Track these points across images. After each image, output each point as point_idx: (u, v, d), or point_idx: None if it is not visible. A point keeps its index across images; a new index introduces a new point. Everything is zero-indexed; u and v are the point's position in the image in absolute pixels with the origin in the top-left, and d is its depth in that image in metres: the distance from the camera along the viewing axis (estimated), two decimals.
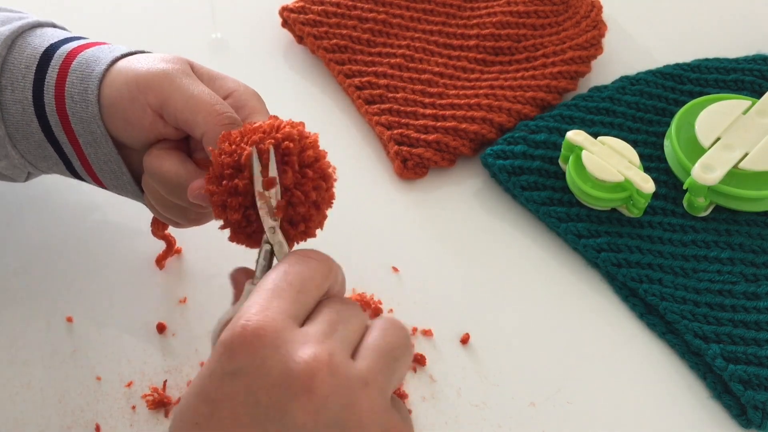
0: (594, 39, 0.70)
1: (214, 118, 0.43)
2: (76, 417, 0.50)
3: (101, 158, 0.48)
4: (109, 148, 0.47)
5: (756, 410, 0.50)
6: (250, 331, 0.33)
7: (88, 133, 0.47)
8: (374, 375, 0.35)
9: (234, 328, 0.34)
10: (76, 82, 0.46)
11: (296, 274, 0.37)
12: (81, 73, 0.47)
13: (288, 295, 0.35)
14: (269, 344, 0.33)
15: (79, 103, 0.46)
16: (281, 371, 0.33)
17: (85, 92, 0.46)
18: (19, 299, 0.55)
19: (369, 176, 0.64)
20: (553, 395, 0.53)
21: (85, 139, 0.47)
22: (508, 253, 0.60)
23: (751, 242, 0.59)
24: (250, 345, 0.33)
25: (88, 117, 0.46)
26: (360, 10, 0.72)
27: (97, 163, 0.48)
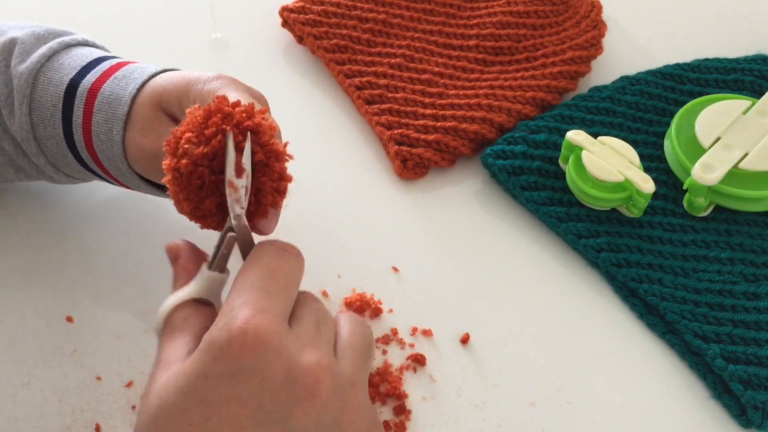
0: (594, 39, 0.70)
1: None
2: (76, 417, 0.50)
3: (135, 185, 0.51)
4: (136, 181, 0.49)
5: (756, 410, 0.50)
6: (252, 334, 0.33)
7: (116, 168, 0.49)
8: (357, 374, 0.37)
9: (231, 330, 0.34)
10: (102, 122, 0.48)
11: (281, 271, 0.37)
12: (105, 114, 0.48)
13: (277, 294, 0.36)
14: (272, 348, 0.34)
15: (105, 142, 0.48)
16: (286, 375, 0.34)
17: (110, 132, 0.48)
18: (19, 299, 0.55)
19: (369, 176, 0.64)
20: (553, 395, 0.53)
21: (116, 172, 0.50)
22: (508, 253, 0.60)
23: (751, 242, 0.59)
24: (251, 348, 0.33)
25: (114, 155, 0.48)
26: (360, 10, 0.72)
27: (127, 182, 0.51)
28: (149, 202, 0.59)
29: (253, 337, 0.33)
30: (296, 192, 0.62)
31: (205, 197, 0.39)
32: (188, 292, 0.38)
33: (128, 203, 0.60)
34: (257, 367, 0.33)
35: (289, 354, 0.34)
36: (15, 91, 0.50)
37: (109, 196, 0.61)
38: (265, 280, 0.36)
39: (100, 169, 0.50)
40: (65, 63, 0.50)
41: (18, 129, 0.50)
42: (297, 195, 0.62)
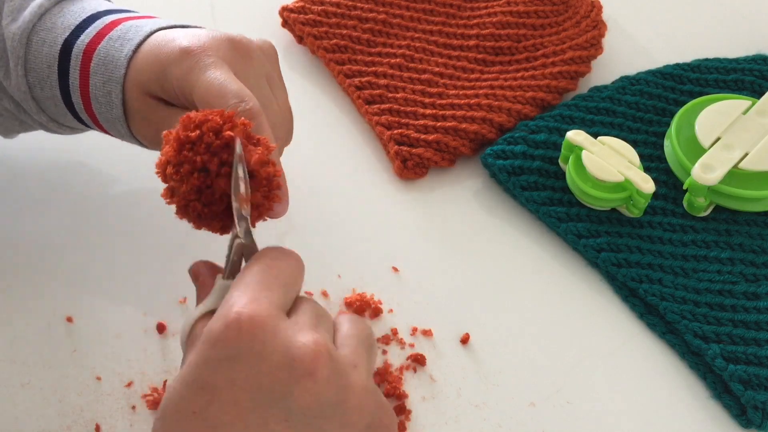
0: (594, 39, 0.70)
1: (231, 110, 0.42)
2: (76, 417, 0.50)
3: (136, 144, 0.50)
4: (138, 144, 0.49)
5: (756, 410, 0.50)
6: (246, 318, 0.34)
7: (116, 130, 0.49)
8: (359, 358, 0.37)
9: (227, 316, 0.34)
10: (99, 85, 0.47)
11: (281, 269, 0.37)
12: (102, 77, 0.47)
13: (276, 287, 0.36)
14: (268, 330, 0.34)
15: (104, 105, 0.47)
16: (283, 355, 0.34)
17: (109, 95, 0.47)
18: (19, 299, 0.55)
19: (369, 176, 0.64)
20: (553, 395, 0.53)
21: (116, 133, 0.49)
22: (508, 253, 0.60)
23: (751, 242, 0.59)
24: (247, 331, 0.33)
25: (113, 118, 0.48)
26: (360, 10, 0.72)
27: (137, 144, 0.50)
28: (150, 202, 0.59)
29: (248, 320, 0.34)
30: (296, 192, 0.62)
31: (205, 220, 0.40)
32: (208, 305, 0.39)
33: (129, 203, 0.60)
34: (255, 348, 0.33)
35: (285, 334, 0.34)
36: (9, 52, 0.49)
37: (109, 196, 0.61)
38: (263, 275, 0.36)
39: (100, 129, 0.50)
40: (58, 22, 0.49)
41: (15, 90, 0.50)
42: (297, 195, 0.62)
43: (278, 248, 0.39)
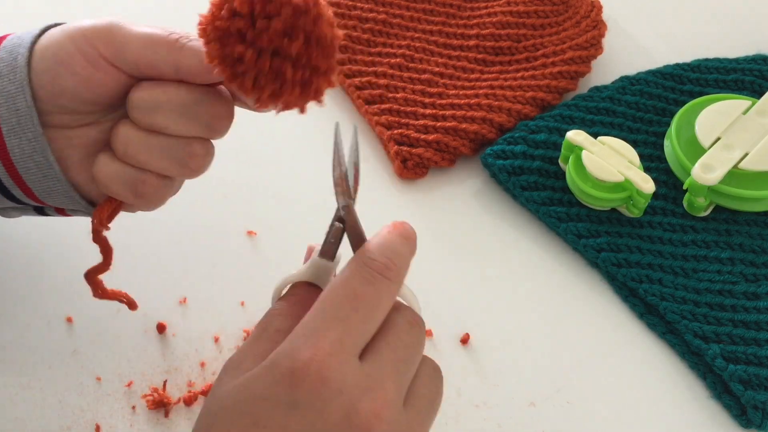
0: (594, 39, 0.70)
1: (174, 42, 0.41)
2: (76, 417, 0.50)
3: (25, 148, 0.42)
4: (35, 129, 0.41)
5: (756, 410, 0.50)
6: (315, 370, 0.33)
7: (13, 112, 0.41)
8: (418, 426, 0.36)
9: (295, 360, 0.33)
10: (5, 56, 0.42)
11: (365, 301, 0.36)
12: (11, 47, 0.42)
13: (354, 327, 0.35)
14: (333, 388, 0.33)
15: (6, 76, 0.41)
16: (342, 418, 0.33)
17: (15, 60, 0.41)
18: (19, 299, 0.55)
19: (369, 176, 0.64)
20: (553, 395, 0.53)
21: (9, 126, 0.42)
22: (508, 253, 0.60)
23: (751, 242, 0.59)
24: (313, 384, 0.33)
25: (15, 89, 0.41)
26: (360, 10, 0.72)
27: (21, 157, 0.42)
28: None
29: (316, 373, 0.33)
30: (296, 192, 0.62)
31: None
32: (297, 275, 0.39)
33: None
34: (315, 404, 0.33)
35: (349, 396, 0.33)
36: None
37: None
38: (346, 309, 0.35)
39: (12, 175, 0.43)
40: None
41: None
42: (296, 195, 0.62)
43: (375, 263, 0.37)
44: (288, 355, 0.34)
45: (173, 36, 0.41)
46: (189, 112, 0.41)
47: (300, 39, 0.36)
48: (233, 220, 0.60)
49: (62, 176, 0.43)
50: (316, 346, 0.34)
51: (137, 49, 0.41)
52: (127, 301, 0.49)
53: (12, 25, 0.55)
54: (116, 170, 0.43)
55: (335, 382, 0.33)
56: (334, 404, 0.33)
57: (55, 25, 0.43)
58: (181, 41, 0.41)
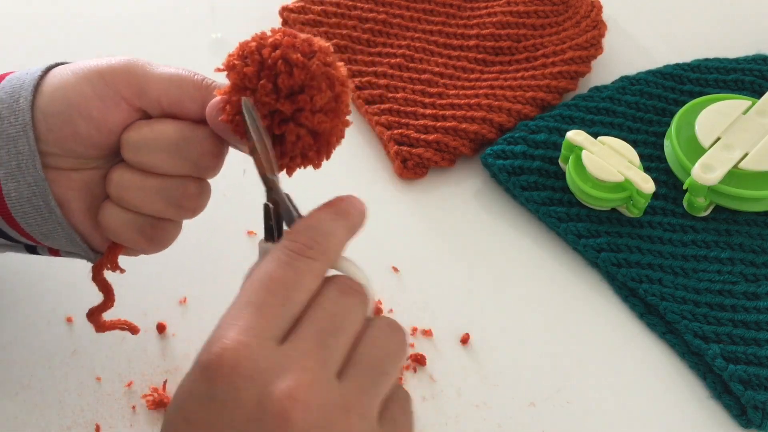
0: (594, 39, 0.70)
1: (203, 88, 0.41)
2: (76, 417, 0.50)
3: (24, 192, 0.41)
4: (36, 173, 0.41)
5: (756, 410, 0.50)
6: (227, 359, 0.32)
7: (14, 155, 0.40)
8: (357, 398, 0.33)
9: (210, 352, 0.32)
10: (5, 97, 0.41)
11: (281, 283, 0.34)
12: (11, 88, 0.41)
13: (269, 310, 0.33)
14: (245, 375, 0.32)
15: (7, 118, 0.40)
16: (256, 405, 0.32)
17: (16, 102, 0.40)
18: (19, 299, 0.55)
19: (369, 176, 0.64)
20: (553, 395, 0.53)
21: (7, 169, 0.41)
22: (508, 253, 0.60)
23: (751, 242, 0.59)
24: (226, 374, 0.32)
25: (16, 132, 0.40)
26: (360, 10, 0.72)
27: (19, 202, 0.41)
28: None
29: (228, 361, 0.32)
30: (295, 193, 0.62)
31: None
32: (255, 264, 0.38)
33: None
34: (230, 394, 0.32)
35: (263, 381, 0.32)
36: None
37: None
38: (261, 293, 0.34)
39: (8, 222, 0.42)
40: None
41: None
42: (296, 196, 0.62)
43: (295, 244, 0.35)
44: (204, 349, 0.33)
45: (198, 76, 0.41)
46: (177, 149, 0.41)
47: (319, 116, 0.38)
48: (233, 220, 0.60)
49: (64, 220, 0.42)
50: (227, 335, 0.32)
51: (161, 87, 0.40)
52: (129, 327, 0.49)
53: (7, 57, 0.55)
54: (127, 218, 0.42)
55: (246, 369, 0.32)
56: (247, 392, 0.32)
57: (57, 65, 0.42)
58: (206, 82, 0.41)
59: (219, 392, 0.32)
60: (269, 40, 0.38)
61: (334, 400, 0.32)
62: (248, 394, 0.32)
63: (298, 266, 0.35)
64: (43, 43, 0.72)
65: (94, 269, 0.45)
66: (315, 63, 0.37)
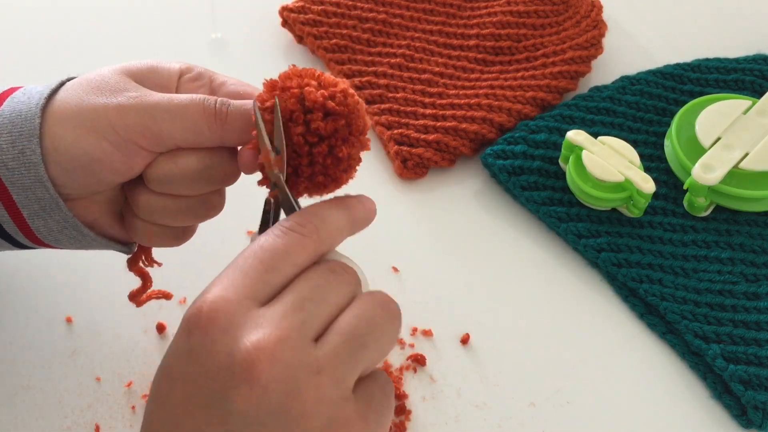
0: (594, 39, 0.70)
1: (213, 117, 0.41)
2: (76, 417, 0.50)
3: (53, 227, 0.43)
4: (63, 213, 0.42)
5: (756, 410, 0.50)
6: (205, 312, 0.33)
7: (34, 201, 0.41)
8: (331, 362, 0.33)
9: (192, 307, 0.34)
10: (6, 147, 0.40)
11: (270, 251, 0.35)
12: (9, 135, 0.40)
13: (254, 274, 0.34)
14: (220, 327, 0.33)
15: (17, 170, 0.40)
16: (225, 356, 0.32)
17: (22, 155, 0.40)
18: (19, 299, 0.55)
19: (369, 176, 0.64)
20: (553, 395, 0.53)
21: (31, 211, 0.42)
22: (508, 253, 0.60)
23: (751, 242, 0.59)
24: (203, 326, 0.33)
25: (31, 182, 0.41)
26: (360, 10, 0.72)
27: (49, 234, 0.43)
28: None
29: (206, 314, 0.33)
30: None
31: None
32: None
33: None
34: (205, 346, 0.33)
35: (236, 334, 0.33)
36: None
37: None
38: (247, 259, 0.35)
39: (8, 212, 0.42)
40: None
41: None
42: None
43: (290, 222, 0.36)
44: (190, 306, 0.34)
45: (209, 106, 0.41)
46: (201, 177, 0.42)
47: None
48: (233, 220, 0.60)
49: (98, 237, 0.44)
50: (209, 291, 0.34)
51: (177, 134, 0.41)
52: (163, 295, 0.52)
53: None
54: (157, 230, 0.45)
55: (221, 321, 0.33)
56: (220, 343, 0.32)
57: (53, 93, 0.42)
58: (220, 112, 0.41)
59: (195, 344, 0.33)
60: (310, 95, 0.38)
61: (304, 359, 0.33)
62: (221, 345, 0.33)
63: (288, 240, 0.36)
64: (43, 43, 0.72)
65: (130, 262, 0.48)
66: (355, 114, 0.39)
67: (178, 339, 0.34)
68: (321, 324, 0.34)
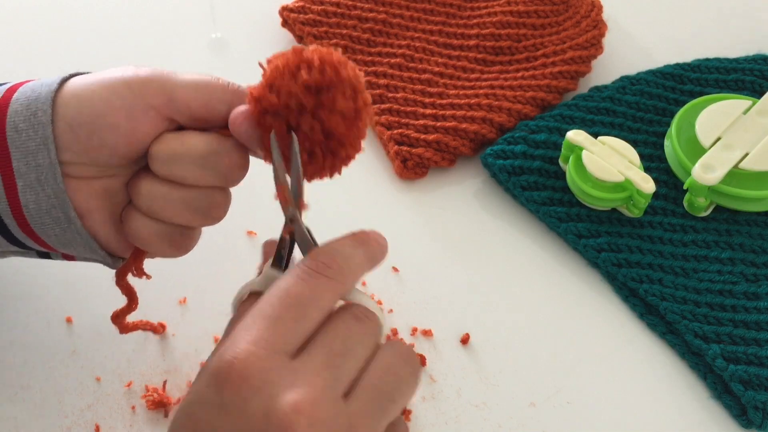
0: (594, 39, 0.70)
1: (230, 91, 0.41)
2: (76, 417, 0.50)
3: (42, 205, 0.41)
4: (57, 186, 0.41)
5: (756, 410, 0.50)
6: (237, 368, 0.32)
7: (33, 168, 0.40)
8: (363, 420, 0.33)
9: (220, 360, 0.33)
10: (20, 110, 0.40)
11: (298, 298, 0.35)
12: (26, 100, 0.41)
13: (283, 325, 0.34)
14: (254, 386, 0.32)
15: (25, 131, 0.40)
16: (262, 416, 0.32)
17: (34, 116, 0.40)
18: (19, 299, 0.55)
19: (369, 176, 0.64)
20: (553, 395, 0.53)
21: (26, 181, 0.41)
22: (508, 253, 0.60)
23: (751, 242, 0.59)
24: (235, 383, 0.32)
25: (36, 145, 0.40)
26: (360, 10, 0.72)
27: (37, 213, 0.41)
28: None
29: (238, 371, 0.32)
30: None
31: None
32: (251, 284, 0.39)
33: None
34: (237, 404, 0.32)
35: (270, 393, 0.32)
36: None
37: None
38: (276, 307, 0.34)
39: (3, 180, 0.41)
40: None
41: None
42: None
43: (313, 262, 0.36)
44: (216, 356, 0.33)
45: (223, 80, 0.42)
46: (207, 162, 0.41)
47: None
48: (233, 220, 0.59)
49: (84, 230, 0.42)
50: (239, 344, 0.33)
51: (189, 92, 0.41)
52: (152, 328, 0.52)
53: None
54: (156, 228, 0.43)
55: (256, 379, 0.32)
56: (254, 402, 0.32)
57: (72, 75, 0.42)
58: (234, 86, 0.42)
59: (227, 400, 0.32)
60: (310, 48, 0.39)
61: (339, 419, 0.33)
62: (255, 404, 0.32)
63: (316, 284, 0.35)
64: (43, 43, 0.72)
65: (118, 274, 0.46)
66: (347, 71, 0.39)
67: (207, 391, 0.33)
68: (349, 379, 0.34)
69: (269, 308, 0.34)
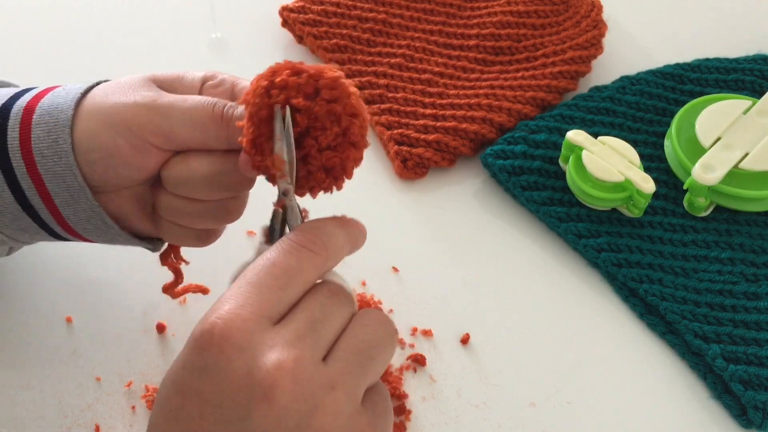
0: (594, 39, 0.70)
1: (220, 118, 0.42)
2: (76, 417, 0.50)
3: (81, 216, 0.45)
4: (89, 202, 0.44)
5: (756, 410, 0.50)
6: (218, 331, 0.33)
7: (64, 189, 0.44)
8: (343, 377, 0.35)
9: (204, 324, 0.34)
10: (43, 136, 0.43)
11: (283, 269, 0.36)
12: (46, 125, 0.43)
13: (268, 292, 0.35)
14: (236, 346, 0.33)
15: (50, 157, 0.43)
16: (244, 376, 0.33)
17: (56, 143, 0.43)
18: (19, 299, 0.55)
19: (369, 176, 0.64)
20: (553, 395, 0.53)
21: (62, 199, 0.44)
22: (508, 253, 0.60)
23: (751, 242, 0.59)
24: (217, 344, 0.33)
25: (62, 170, 0.43)
26: (360, 10, 0.72)
27: (78, 222, 0.45)
28: None
29: (220, 332, 0.33)
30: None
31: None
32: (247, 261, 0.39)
33: None
34: (220, 364, 0.33)
35: (253, 353, 0.33)
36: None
37: None
38: (262, 276, 0.35)
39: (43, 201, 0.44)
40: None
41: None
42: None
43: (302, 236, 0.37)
44: (199, 322, 0.34)
45: (218, 108, 0.43)
46: (213, 182, 0.43)
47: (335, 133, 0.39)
48: None
49: (123, 232, 0.46)
50: (223, 308, 0.34)
51: (186, 133, 0.43)
52: (200, 290, 0.53)
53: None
54: (182, 231, 0.46)
55: (238, 340, 0.33)
56: (237, 362, 0.33)
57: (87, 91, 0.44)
58: (227, 114, 0.42)
59: (210, 362, 0.33)
60: (277, 79, 0.38)
61: (321, 377, 0.34)
62: (238, 364, 0.33)
63: (301, 256, 0.36)
64: (43, 43, 0.72)
65: (162, 258, 0.50)
66: (318, 104, 0.38)
67: (189, 354, 0.34)
68: (329, 343, 0.36)
69: (255, 277, 0.35)
